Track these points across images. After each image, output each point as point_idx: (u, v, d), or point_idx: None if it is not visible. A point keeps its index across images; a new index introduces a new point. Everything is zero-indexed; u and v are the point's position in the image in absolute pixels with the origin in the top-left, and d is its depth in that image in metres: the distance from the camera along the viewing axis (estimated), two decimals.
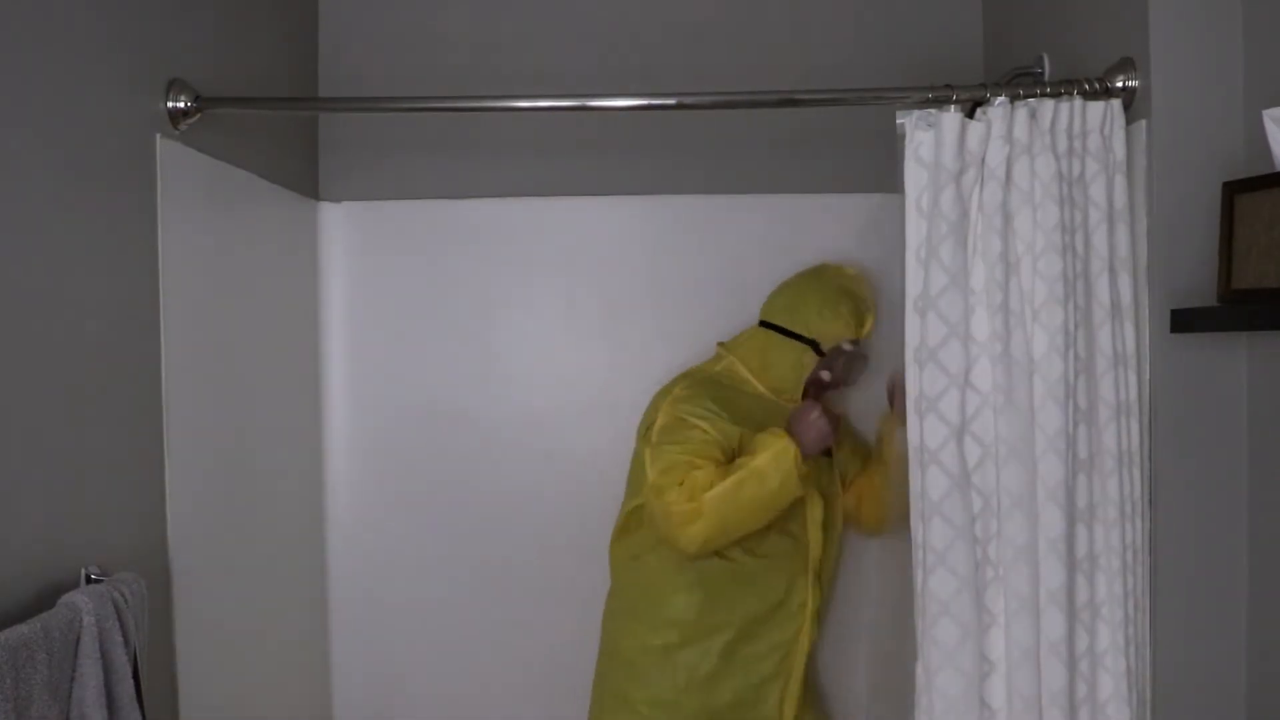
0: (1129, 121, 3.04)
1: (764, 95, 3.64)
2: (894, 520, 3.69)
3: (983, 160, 2.97)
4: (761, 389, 3.82)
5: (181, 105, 3.16)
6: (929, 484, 2.97)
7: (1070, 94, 3.02)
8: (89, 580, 2.61)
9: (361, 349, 4.07)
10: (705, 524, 3.50)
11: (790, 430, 3.59)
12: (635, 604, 3.80)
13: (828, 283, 3.88)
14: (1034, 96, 3.02)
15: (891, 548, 3.63)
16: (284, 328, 4.03)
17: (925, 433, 2.97)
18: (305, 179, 4.25)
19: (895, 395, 3.68)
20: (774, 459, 3.51)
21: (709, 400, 3.69)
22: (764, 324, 3.91)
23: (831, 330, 3.79)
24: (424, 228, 4.33)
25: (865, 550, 4.08)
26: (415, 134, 4.35)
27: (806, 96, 3.60)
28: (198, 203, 3.31)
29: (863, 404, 4.20)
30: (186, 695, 3.17)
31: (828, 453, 3.85)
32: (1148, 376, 3.03)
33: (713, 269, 4.32)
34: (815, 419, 3.61)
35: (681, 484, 3.52)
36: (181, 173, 3.19)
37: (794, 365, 3.82)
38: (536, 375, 4.32)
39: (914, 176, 2.99)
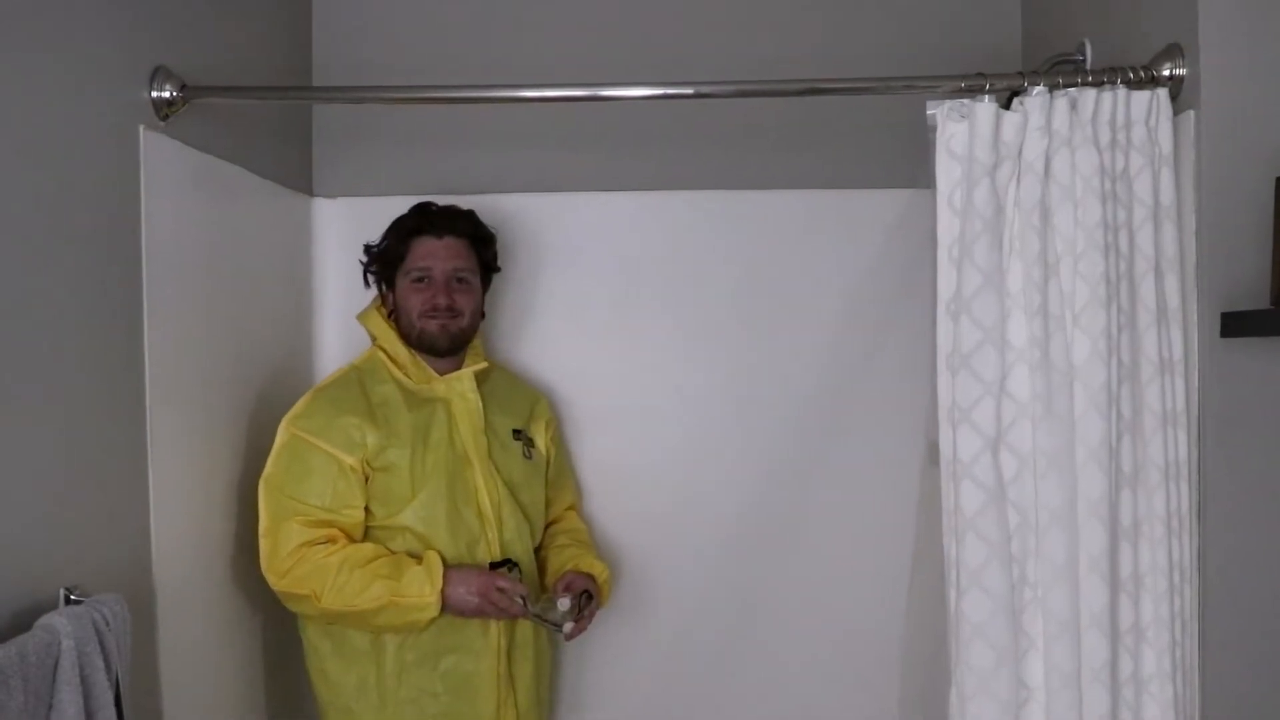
0: (1176, 112, 3.02)
1: (786, 84, 3.62)
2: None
3: (1020, 153, 2.96)
4: (399, 373, 3.75)
5: (166, 95, 3.16)
6: (962, 499, 2.95)
7: (1113, 83, 3.01)
8: (68, 601, 2.60)
9: (358, 348, 4.04)
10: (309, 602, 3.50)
11: (446, 587, 3.47)
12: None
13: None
14: (1074, 86, 3.00)
15: (922, 565, 3.61)
16: (276, 330, 4.03)
17: (958, 444, 2.96)
18: (299, 173, 4.26)
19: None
20: (405, 611, 3.44)
21: (332, 410, 3.64)
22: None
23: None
24: None
25: (895, 568, 4.07)
26: (415, 126, 4.36)
27: (831, 86, 3.58)
28: (184, 199, 3.30)
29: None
30: None
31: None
32: (1196, 384, 3.00)
33: (730, 269, 4.32)
34: (478, 600, 3.49)
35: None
36: (167, 166, 3.19)
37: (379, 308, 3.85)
38: (540, 379, 4.32)
39: (946, 171, 2.98)
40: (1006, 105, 3.00)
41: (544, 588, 3.79)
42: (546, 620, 3.54)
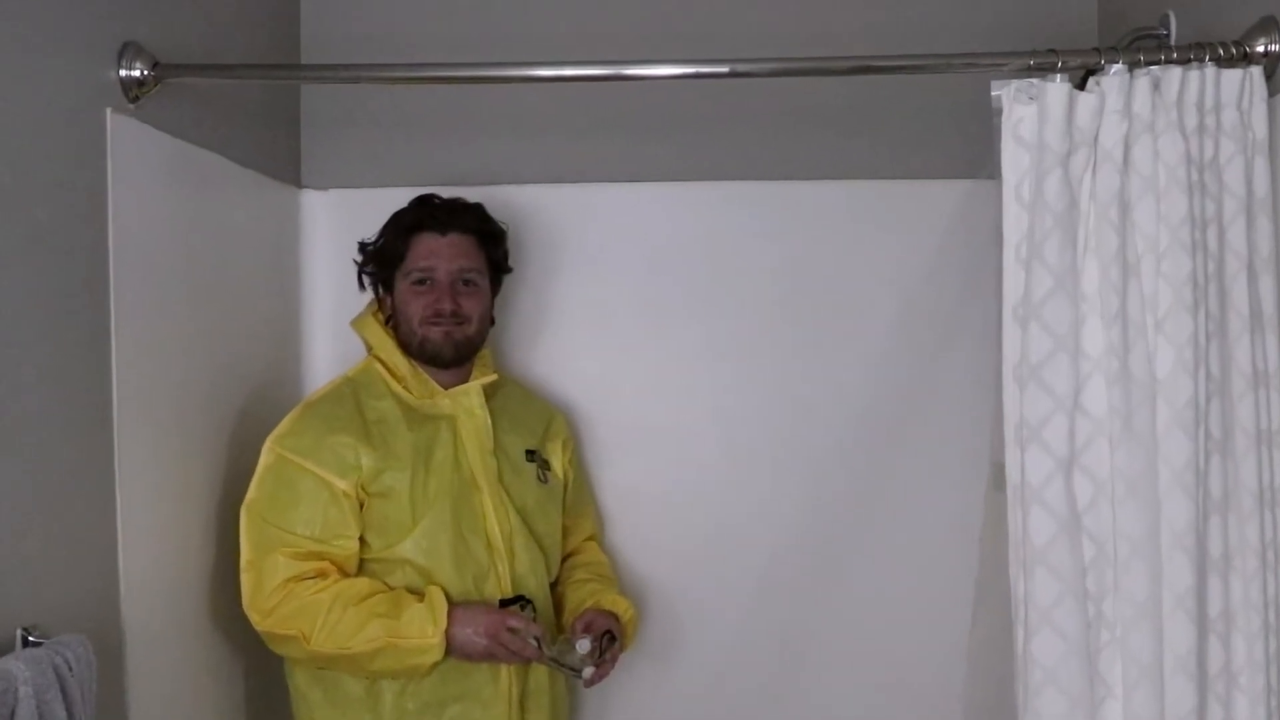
0: (1271, 93, 3.02)
1: (834, 62, 3.64)
2: None
3: (1095, 140, 2.96)
4: (398, 387, 3.74)
5: (137, 74, 3.16)
6: (1031, 528, 2.95)
7: (1201, 60, 3.00)
8: (26, 643, 2.61)
9: (352, 358, 4.05)
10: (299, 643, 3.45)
11: (452, 627, 3.44)
12: None
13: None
14: (1157, 64, 3.00)
15: (986, 602, 3.61)
16: (261, 338, 4.05)
17: (1027, 467, 2.95)
18: (286, 163, 4.28)
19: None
20: (405, 654, 3.41)
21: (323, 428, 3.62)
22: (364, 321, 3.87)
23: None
24: None
25: (956, 605, 4.05)
26: (416, 109, 4.38)
27: (884, 64, 3.58)
28: (157, 190, 3.31)
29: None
30: None
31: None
32: None
33: (771, 269, 4.33)
34: (487, 642, 3.45)
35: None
36: (137, 154, 3.19)
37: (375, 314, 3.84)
38: (557, 393, 4.33)
39: (1013, 159, 2.98)
40: (1081, 86, 3.00)
41: (561, 628, 3.79)
42: (564, 664, 3.52)
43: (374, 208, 3.80)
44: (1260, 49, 3.01)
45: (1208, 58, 3.00)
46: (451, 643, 3.41)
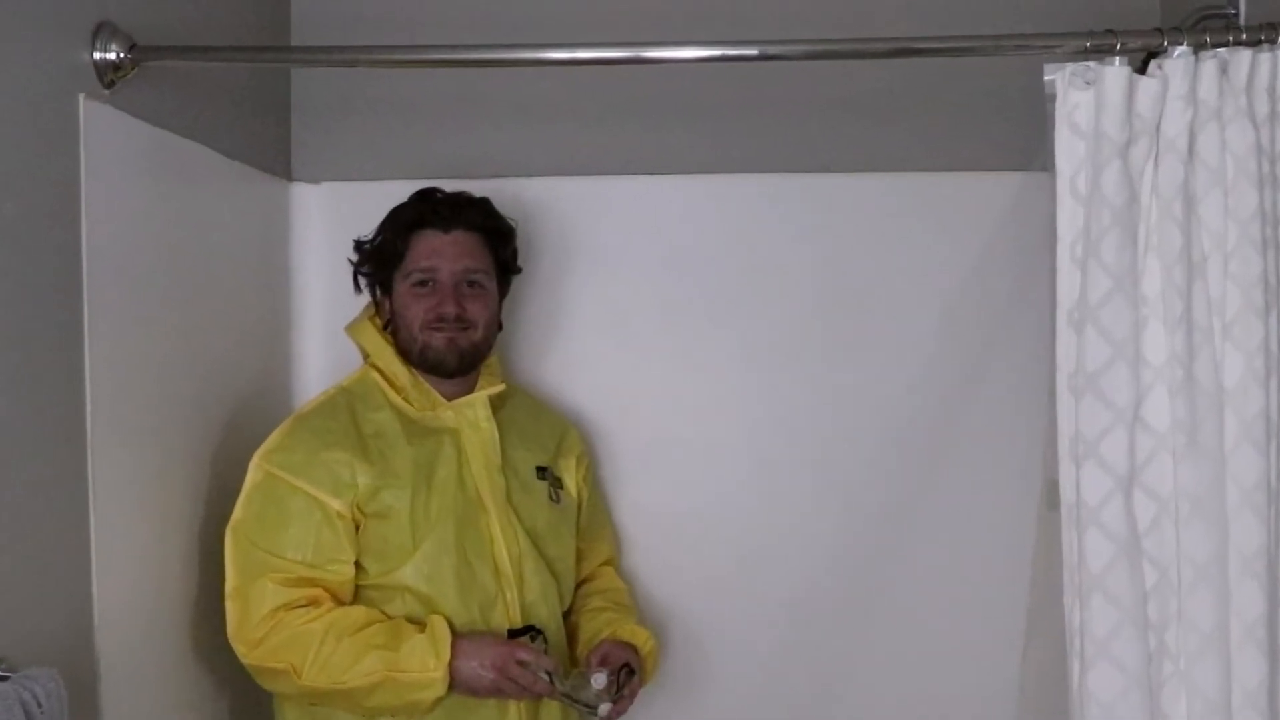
0: None
1: (872, 44, 3.63)
2: None
3: (1157, 128, 2.95)
4: (397, 398, 3.72)
5: (112, 57, 3.15)
6: (1088, 551, 2.94)
7: (1272, 42, 2.99)
8: None
9: (347, 366, 4.05)
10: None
11: (456, 660, 3.40)
12: None
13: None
14: (1225, 45, 2.99)
15: (1039, 632, 3.60)
16: (248, 345, 4.05)
17: (1083, 485, 2.94)
18: (275, 154, 4.28)
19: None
20: (405, 689, 3.38)
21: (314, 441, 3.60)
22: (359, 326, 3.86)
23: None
24: None
25: (1006, 636, 4.04)
26: (416, 95, 4.38)
27: (927, 46, 3.57)
28: (134, 183, 3.31)
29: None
30: None
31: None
32: None
33: (804, 269, 4.33)
34: (494, 676, 3.41)
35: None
36: (113, 144, 3.18)
37: (372, 319, 3.83)
38: (570, 404, 4.33)
39: (1068, 150, 2.97)
40: (1142, 70, 2.99)
41: (575, 660, 3.78)
42: (578, 700, 3.50)
43: (371, 202, 3.80)
44: None
45: None
46: (455, 677, 3.38)
